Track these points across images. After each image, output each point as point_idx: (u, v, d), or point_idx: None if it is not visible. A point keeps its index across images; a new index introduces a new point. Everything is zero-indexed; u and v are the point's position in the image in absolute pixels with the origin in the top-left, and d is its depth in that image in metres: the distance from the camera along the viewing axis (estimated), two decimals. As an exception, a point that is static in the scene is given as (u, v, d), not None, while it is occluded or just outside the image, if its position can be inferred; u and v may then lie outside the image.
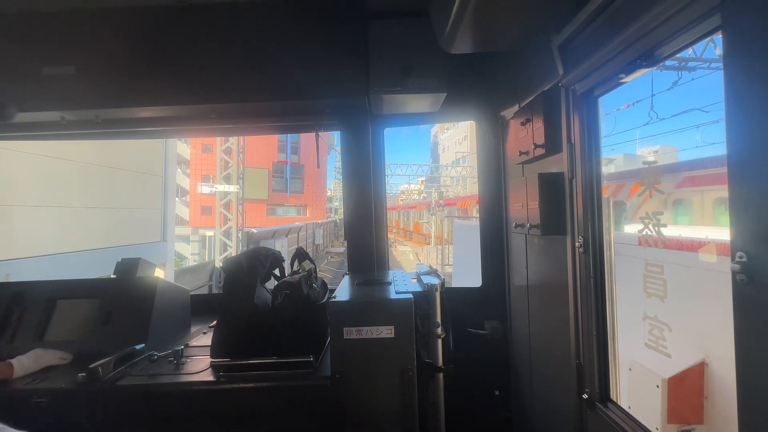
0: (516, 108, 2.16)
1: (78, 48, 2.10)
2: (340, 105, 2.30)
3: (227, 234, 13.73)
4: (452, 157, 43.68)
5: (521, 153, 2.04)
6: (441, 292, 1.75)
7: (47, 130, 2.48)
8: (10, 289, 2.10)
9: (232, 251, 13.43)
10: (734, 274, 0.85)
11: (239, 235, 13.62)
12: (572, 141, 1.58)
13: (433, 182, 37.16)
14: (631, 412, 1.39)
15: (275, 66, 2.12)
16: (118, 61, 2.10)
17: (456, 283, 11.35)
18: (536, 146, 1.84)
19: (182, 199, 23.58)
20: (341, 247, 26.49)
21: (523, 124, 1.99)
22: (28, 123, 2.40)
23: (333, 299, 1.64)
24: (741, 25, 0.85)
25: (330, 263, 22.43)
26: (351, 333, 1.59)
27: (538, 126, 1.80)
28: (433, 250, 22.72)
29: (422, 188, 44.68)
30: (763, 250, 0.80)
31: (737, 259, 0.85)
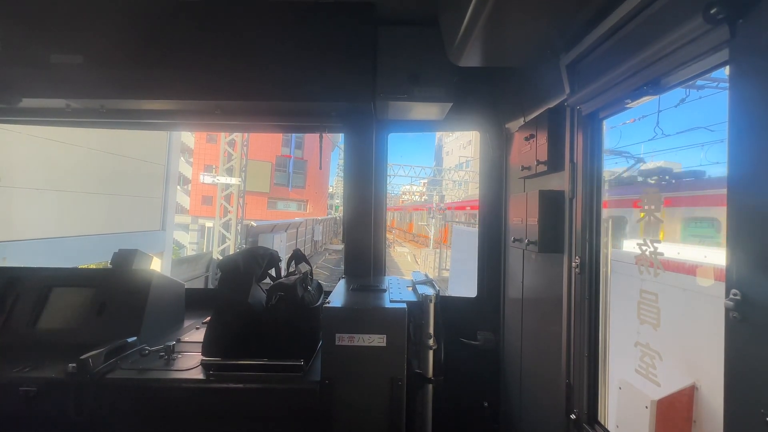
0: (521, 122, 2.16)
1: (86, 38, 2.10)
2: (345, 108, 2.30)
3: (226, 226, 13.73)
4: (456, 160, 43.68)
5: (524, 168, 2.04)
6: (435, 304, 1.75)
7: (51, 117, 2.49)
8: (5, 275, 2.10)
9: (231, 244, 13.44)
10: (728, 311, 0.86)
11: (238, 227, 13.63)
12: (575, 161, 1.58)
13: (435, 185, 37.17)
14: (618, 431, 1.39)
15: (283, 66, 2.12)
16: (126, 53, 2.10)
17: (453, 287, 11.36)
18: (539, 162, 1.84)
19: (183, 188, 23.57)
20: (339, 245, 26.50)
21: (527, 138, 1.99)
22: (33, 108, 2.40)
23: (327, 304, 1.64)
24: (748, 61, 0.85)
25: (328, 260, 22.43)
26: (343, 339, 1.59)
27: (542, 142, 1.80)
28: (431, 253, 22.74)
29: (424, 190, 44.68)
30: (758, 290, 0.80)
31: (731, 296, 0.85)
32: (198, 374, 1.67)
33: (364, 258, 2.43)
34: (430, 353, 1.75)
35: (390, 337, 1.59)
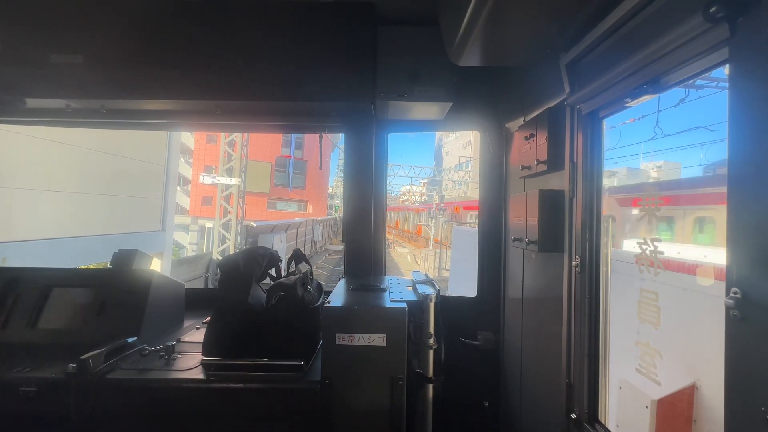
0: (521, 121, 2.16)
1: (86, 38, 2.10)
2: (345, 108, 2.30)
3: (226, 226, 13.73)
4: (456, 161, 43.75)
5: (524, 167, 2.04)
6: (435, 303, 1.75)
7: (51, 117, 2.49)
8: (5, 275, 2.10)
9: (231, 244, 13.44)
10: (728, 309, 0.86)
11: (238, 228, 13.63)
12: (575, 160, 1.58)
13: (435, 185, 37.18)
14: (618, 431, 1.39)
15: (283, 66, 2.12)
16: (126, 53, 2.10)
17: (452, 287, 11.36)
18: (539, 162, 1.84)
19: (183, 188, 23.56)
20: (339, 245, 26.50)
21: (527, 138, 1.99)
22: (33, 108, 2.40)
23: (327, 304, 1.64)
24: (748, 59, 0.85)
25: (327, 260, 22.43)
26: (343, 339, 1.59)
27: (542, 142, 1.80)
28: (431, 253, 22.75)
29: (424, 190, 44.74)
30: (758, 289, 0.80)
31: (732, 294, 0.85)
32: (198, 374, 1.67)
33: (364, 258, 2.43)
34: (431, 353, 1.75)
35: (390, 337, 1.59)
